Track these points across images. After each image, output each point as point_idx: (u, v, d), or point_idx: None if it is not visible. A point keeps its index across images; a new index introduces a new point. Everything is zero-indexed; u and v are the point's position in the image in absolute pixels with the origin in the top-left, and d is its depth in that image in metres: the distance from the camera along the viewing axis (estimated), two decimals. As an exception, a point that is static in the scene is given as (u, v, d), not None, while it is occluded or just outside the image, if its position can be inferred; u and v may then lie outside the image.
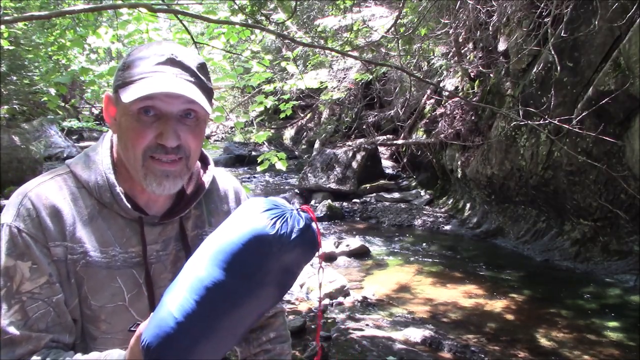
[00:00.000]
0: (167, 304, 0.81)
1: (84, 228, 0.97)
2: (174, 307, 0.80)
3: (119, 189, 0.98)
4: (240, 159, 12.93)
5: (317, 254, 0.85)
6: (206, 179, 1.10)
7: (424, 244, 6.99)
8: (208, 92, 0.98)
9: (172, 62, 0.94)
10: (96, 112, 12.67)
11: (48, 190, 0.97)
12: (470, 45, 7.98)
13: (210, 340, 0.79)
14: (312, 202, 9.32)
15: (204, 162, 1.13)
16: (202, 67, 0.99)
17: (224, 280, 0.78)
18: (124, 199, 0.98)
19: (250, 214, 0.81)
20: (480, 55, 7.42)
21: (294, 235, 0.78)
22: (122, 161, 1.01)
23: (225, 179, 1.18)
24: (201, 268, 0.80)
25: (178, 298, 0.80)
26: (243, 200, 1.17)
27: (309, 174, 9.81)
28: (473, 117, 7.58)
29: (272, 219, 0.78)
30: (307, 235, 0.81)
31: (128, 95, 0.91)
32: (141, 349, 0.82)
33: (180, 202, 1.05)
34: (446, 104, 8.27)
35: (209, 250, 0.82)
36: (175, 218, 1.03)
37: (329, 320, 4.62)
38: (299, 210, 0.83)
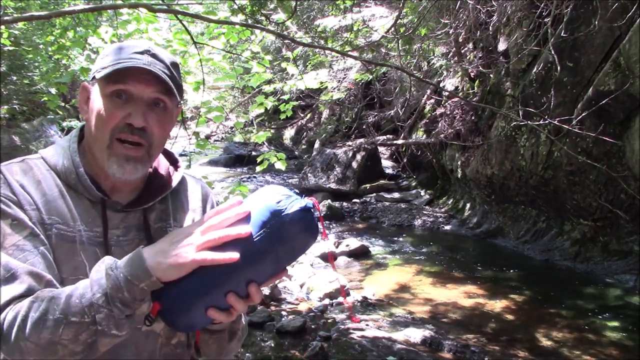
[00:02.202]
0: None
1: (53, 202, 1.01)
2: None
3: (82, 169, 1.04)
4: (240, 159, 12.93)
5: (319, 238, 0.99)
6: (175, 178, 1.17)
7: (424, 244, 6.99)
8: (178, 87, 1.06)
9: (149, 53, 1.03)
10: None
11: (17, 168, 1.03)
12: (470, 45, 7.98)
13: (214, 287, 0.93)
14: (312, 202, 9.31)
15: (175, 164, 1.21)
16: (175, 65, 1.08)
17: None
18: (88, 180, 1.04)
19: (266, 192, 0.98)
20: (480, 55, 7.42)
21: (291, 210, 0.94)
22: (89, 148, 1.08)
23: (195, 182, 1.26)
24: None
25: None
26: (210, 200, 1.24)
27: (309, 174, 9.81)
28: (473, 117, 7.58)
29: (280, 196, 0.96)
30: (305, 216, 0.95)
31: (104, 72, 1.00)
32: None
33: (145, 194, 1.11)
34: (446, 104, 8.27)
35: None
36: (138, 208, 1.09)
37: (329, 320, 4.61)
38: (307, 198, 0.99)
